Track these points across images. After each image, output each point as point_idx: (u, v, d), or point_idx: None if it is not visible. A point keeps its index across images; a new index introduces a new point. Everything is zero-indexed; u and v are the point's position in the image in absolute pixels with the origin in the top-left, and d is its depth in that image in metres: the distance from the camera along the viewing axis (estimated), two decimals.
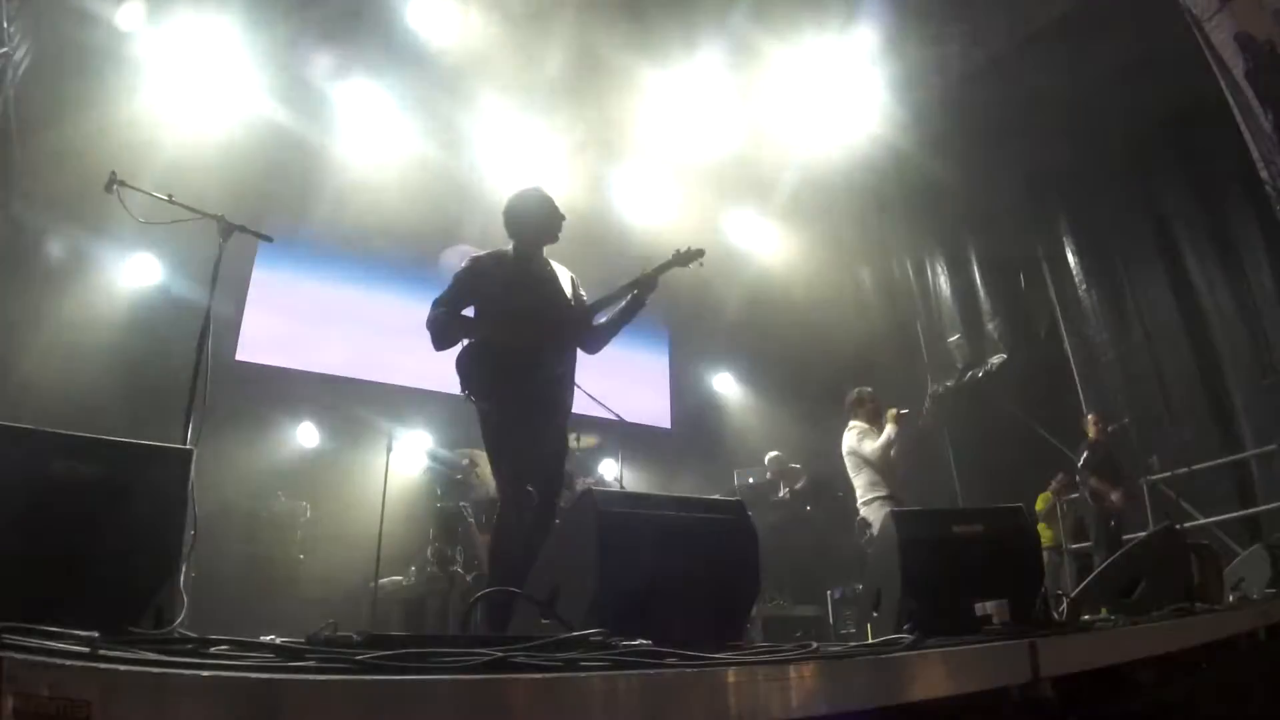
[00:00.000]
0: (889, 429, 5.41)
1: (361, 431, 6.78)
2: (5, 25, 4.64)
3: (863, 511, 5.42)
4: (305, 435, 6.79)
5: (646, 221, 8.05)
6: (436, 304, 3.19)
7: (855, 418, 5.59)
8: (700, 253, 3.32)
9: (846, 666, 1.50)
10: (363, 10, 6.21)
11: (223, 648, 1.26)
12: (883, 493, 5.36)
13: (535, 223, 3.31)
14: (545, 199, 3.34)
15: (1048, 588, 2.93)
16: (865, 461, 5.45)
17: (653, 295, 3.29)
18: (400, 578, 5.65)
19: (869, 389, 5.71)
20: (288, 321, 7.57)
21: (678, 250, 3.32)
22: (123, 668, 0.95)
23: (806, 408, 8.54)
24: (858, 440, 5.51)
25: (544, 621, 1.90)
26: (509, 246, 3.33)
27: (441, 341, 3.16)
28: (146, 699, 0.90)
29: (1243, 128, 5.03)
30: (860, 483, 5.47)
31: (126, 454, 1.89)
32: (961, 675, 1.66)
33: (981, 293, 8.34)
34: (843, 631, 6.05)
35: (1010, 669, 1.74)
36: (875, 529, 5.21)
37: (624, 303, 3.30)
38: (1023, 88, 6.37)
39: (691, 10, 6.20)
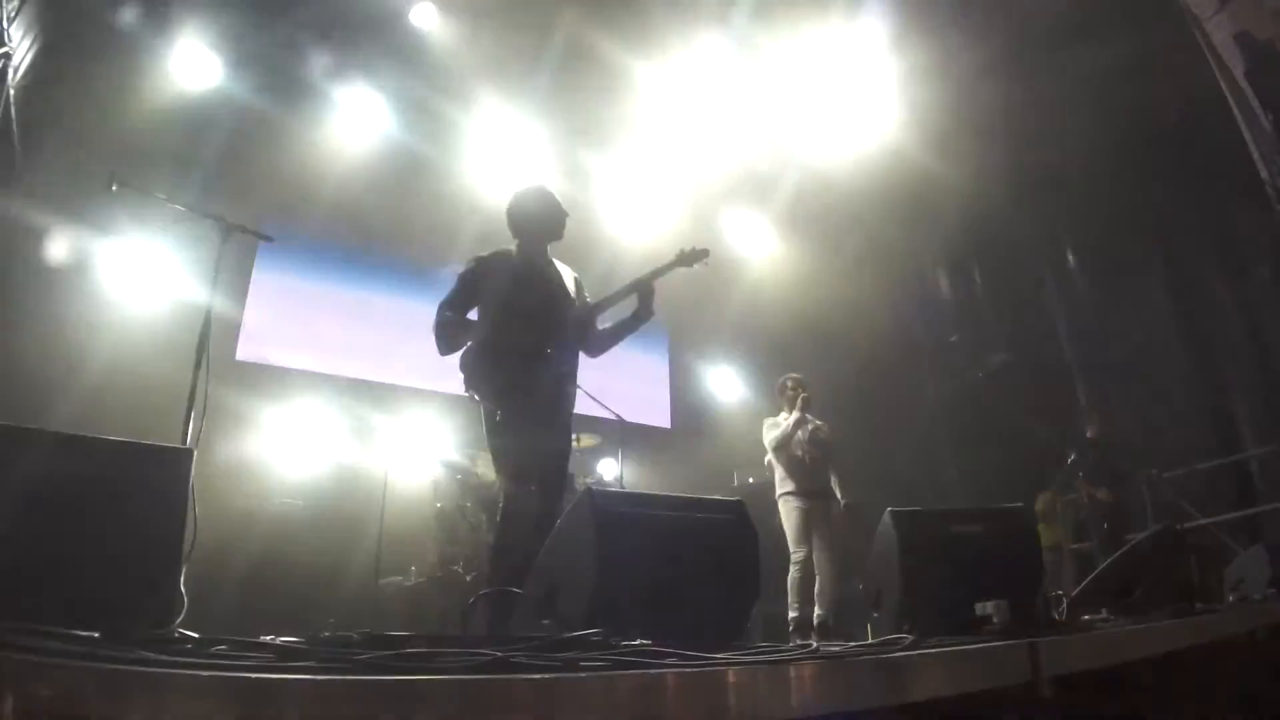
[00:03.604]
0: (790, 418, 5.07)
1: (361, 431, 6.78)
2: (5, 25, 4.63)
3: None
4: (305, 435, 6.77)
5: (647, 222, 8.04)
6: (442, 307, 3.19)
7: (781, 408, 5.25)
8: (705, 252, 3.27)
9: (846, 667, 1.50)
10: (360, 9, 6.21)
11: (222, 648, 1.26)
12: (788, 488, 5.03)
13: (538, 221, 3.30)
14: (547, 196, 3.33)
15: (1048, 588, 2.93)
16: (772, 454, 5.13)
17: (654, 297, 3.27)
18: (400, 578, 5.64)
19: (793, 376, 5.33)
20: (288, 321, 7.57)
21: (681, 250, 3.28)
22: (122, 668, 0.95)
23: None
24: (765, 432, 5.19)
25: (544, 621, 1.90)
26: (513, 246, 3.33)
27: (447, 346, 3.16)
28: (146, 699, 0.90)
29: (1243, 128, 5.03)
30: (775, 478, 5.17)
31: (126, 454, 1.89)
32: (961, 675, 1.66)
33: (981, 293, 8.33)
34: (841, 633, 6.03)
35: (1010, 669, 1.74)
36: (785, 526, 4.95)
37: (630, 314, 3.28)
38: (1023, 88, 6.36)
39: (691, 7, 6.20)
